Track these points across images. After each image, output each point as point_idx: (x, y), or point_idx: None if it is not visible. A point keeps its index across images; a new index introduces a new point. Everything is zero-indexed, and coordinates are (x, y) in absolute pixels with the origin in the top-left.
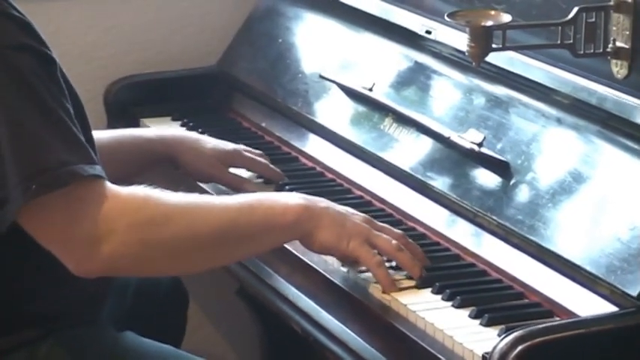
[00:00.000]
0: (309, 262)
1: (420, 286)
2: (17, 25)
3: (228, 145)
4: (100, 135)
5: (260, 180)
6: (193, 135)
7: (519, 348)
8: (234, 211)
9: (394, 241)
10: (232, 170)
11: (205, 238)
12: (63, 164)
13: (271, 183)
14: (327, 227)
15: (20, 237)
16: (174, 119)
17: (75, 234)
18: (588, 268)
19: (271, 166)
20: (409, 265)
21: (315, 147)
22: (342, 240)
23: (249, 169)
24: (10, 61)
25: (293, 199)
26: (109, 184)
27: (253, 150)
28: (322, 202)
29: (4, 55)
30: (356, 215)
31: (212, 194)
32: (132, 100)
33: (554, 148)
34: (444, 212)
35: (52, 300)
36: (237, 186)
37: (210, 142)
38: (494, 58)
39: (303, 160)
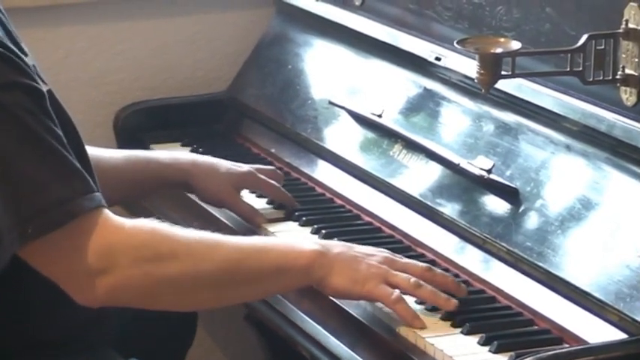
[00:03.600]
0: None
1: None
2: (5, 63)
3: (242, 167)
4: (114, 154)
5: (270, 208)
6: (207, 159)
7: None
8: (244, 252)
9: (412, 279)
10: (246, 198)
11: (212, 277)
12: (59, 203)
13: (282, 208)
14: (340, 273)
15: (15, 265)
16: (183, 145)
17: (78, 266)
18: (597, 295)
19: (283, 190)
20: (432, 299)
21: (324, 173)
22: (355, 284)
23: (261, 192)
24: (1, 100)
25: (308, 244)
26: (110, 215)
27: (266, 167)
28: (337, 247)
29: None
30: (374, 256)
31: (224, 221)
32: (141, 126)
33: (563, 174)
34: (454, 239)
35: (51, 326)
36: (248, 216)
37: (223, 166)
38: (504, 85)
39: (313, 186)
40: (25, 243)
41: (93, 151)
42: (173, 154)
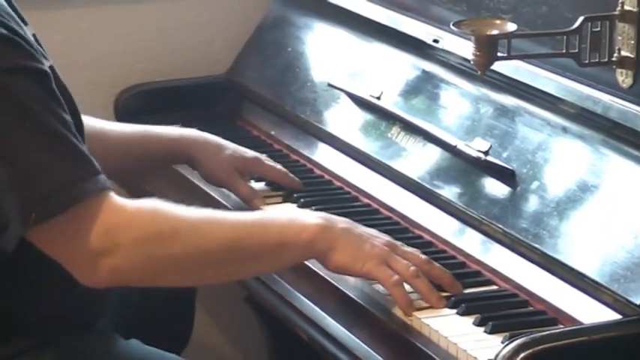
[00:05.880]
0: (315, 269)
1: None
2: (9, 46)
3: (248, 153)
4: (125, 127)
5: (269, 190)
6: (214, 139)
7: (522, 355)
8: (246, 228)
9: (412, 267)
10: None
11: (214, 254)
12: (62, 187)
13: (281, 190)
14: (343, 249)
15: (17, 246)
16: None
17: (81, 248)
18: (592, 276)
19: (291, 175)
20: (425, 293)
21: (323, 155)
22: (357, 262)
23: (267, 177)
24: (4, 85)
25: (311, 218)
26: (114, 197)
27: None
28: (343, 222)
29: None
30: (378, 238)
31: (223, 203)
32: (142, 109)
33: (559, 156)
34: (451, 220)
35: (51, 306)
36: (247, 198)
37: (230, 147)
38: (501, 67)
39: (312, 168)
40: (29, 228)
41: (105, 124)
42: (182, 130)
